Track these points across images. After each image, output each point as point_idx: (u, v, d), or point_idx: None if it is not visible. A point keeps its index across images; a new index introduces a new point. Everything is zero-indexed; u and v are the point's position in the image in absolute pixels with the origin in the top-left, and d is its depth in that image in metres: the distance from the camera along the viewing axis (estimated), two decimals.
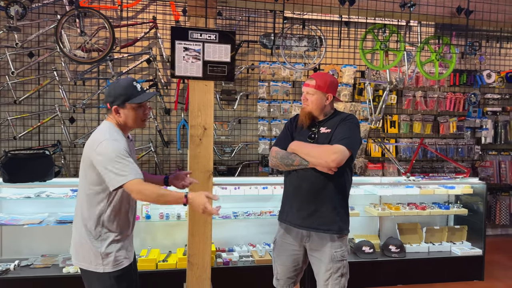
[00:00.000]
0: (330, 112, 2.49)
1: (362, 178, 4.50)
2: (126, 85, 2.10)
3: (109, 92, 2.11)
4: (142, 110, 2.13)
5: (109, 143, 1.99)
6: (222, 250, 3.76)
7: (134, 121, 2.12)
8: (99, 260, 2.05)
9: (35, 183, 3.39)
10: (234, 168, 4.55)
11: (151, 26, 4.30)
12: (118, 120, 2.12)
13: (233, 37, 3.16)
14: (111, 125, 2.13)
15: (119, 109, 2.08)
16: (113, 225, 2.08)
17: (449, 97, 5.06)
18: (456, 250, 4.04)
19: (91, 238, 2.07)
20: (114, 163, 1.96)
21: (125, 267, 2.11)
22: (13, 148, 4.09)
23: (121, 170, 1.95)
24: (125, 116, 2.10)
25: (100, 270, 2.05)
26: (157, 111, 4.48)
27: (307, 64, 4.47)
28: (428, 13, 3.54)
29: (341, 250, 2.35)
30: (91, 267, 2.07)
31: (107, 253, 2.05)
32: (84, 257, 2.07)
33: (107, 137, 2.02)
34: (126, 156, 1.98)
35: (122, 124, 2.13)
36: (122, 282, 2.09)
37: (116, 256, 2.07)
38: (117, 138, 2.05)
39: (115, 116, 2.11)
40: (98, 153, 1.98)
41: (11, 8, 3.34)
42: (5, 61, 4.08)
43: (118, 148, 1.98)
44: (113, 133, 2.08)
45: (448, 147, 5.11)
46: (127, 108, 2.08)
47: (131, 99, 2.08)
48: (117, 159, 1.96)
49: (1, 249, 3.53)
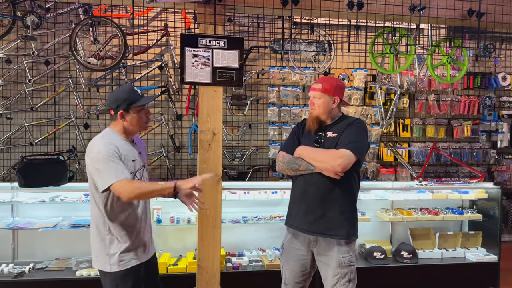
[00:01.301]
0: (338, 116, 2.49)
1: (373, 183, 4.47)
2: (128, 90, 2.22)
3: (113, 99, 2.22)
4: (144, 113, 2.24)
5: (100, 145, 2.10)
6: (232, 254, 3.78)
7: (139, 124, 2.22)
8: (106, 260, 2.17)
9: (49, 188, 3.47)
10: (245, 172, 4.57)
11: (163, 33, 4.38)
12: (124, 125, 2.21)
13: (241, 43, 3.20)
14: (111, 131, 2.24)
15: (124, 114, 2.18)
16: (117, 226, 2.17)
17: (463, 100, 4.98)
18: (471, 256, 3.96)
19: (99, 239, 2.19)
20: (101, 165, 2.06)
21: (132, 267, 2.18)
22: (30, 153, 4.20)
23: (106, 173, 2.05)
24: (130, 120, 2.19)
25: (108, 269, 2.16)
26: (169, 117, 4.54)
27: (316, 69, 4.47)
28: (438, 16, 3.51)
29: (348, 256, 2.34)
30: (102, 267, 2.19)
31: (112, 254, 2.16)
32: (97, 257, 2.21)
33: (96, 142, 2.13)
34: (115, 158, 2.07)
35: (127, 129, 2.22)
36: (127, 281, 2.17)
37: (121, 256, 2.16)
38: (111, 141, 2.14)
39: (120, 121, 2.20)
40: (90, 156, 2.11)
41: (27, 18, 3.44)
42: (22, 69, 4.21)
43: (107, 150, 2.08)
44: (109, 137, 2.18)
45: (462, 151, 5.02)
46: (131, 112, 2.19)
47: (135, 102, 2.18)
48: (104, 161, 2.06)
49: (17, 252, 3.63)
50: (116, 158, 2.08)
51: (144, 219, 2.30)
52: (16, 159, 4.21)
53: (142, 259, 2.24)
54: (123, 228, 2.18)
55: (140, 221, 2.26)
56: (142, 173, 2.32)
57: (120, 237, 2.17)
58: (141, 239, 2.26)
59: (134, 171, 2.22)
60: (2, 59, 4.20)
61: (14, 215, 3.64)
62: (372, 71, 4.81)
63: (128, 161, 2.17)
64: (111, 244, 2.16)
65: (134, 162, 2.23)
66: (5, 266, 3.35)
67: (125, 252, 2.17)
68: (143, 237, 2.27)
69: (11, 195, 3.61)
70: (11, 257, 3.59)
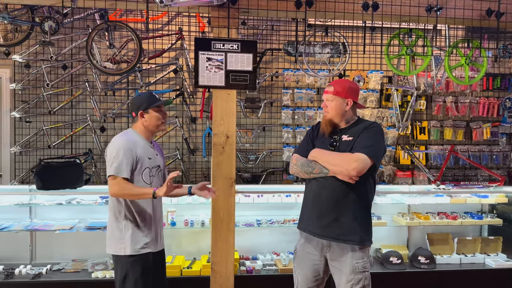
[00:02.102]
0: (353, 119, 2.46)
1: (390, 187, 4.40)
2: (147, 95, 2.58)
3: (134, 102, 2.56)
4: (162, 114, 2.54)
5: (118, 139, 2.43)
6: (245, 258, 3.77)
7: (156, 123, 2.52)
8: (120, 243, 2.40)
9: (66, 190, 3.53)
10: (259, 175, 4.56)
11: (178, 37, 4.41)
12: (143, 123, 2.51)
13: (255, 46, 3.19)
14: (132, 130, 2.55)
15: (144, 113, 2.50)
16: (134, 213, 2.40)
17: (482, 102, 4.86)
18: (490, 262, 3.85)
19: (115, 225, 2.42)
20: (112, 155, 2.36)
21: (143, 254, 2.40)
22: (48, 156, 4.28)
23: (112, 164, 2.34)
24: (149, 119, 2.50)
25: (121, 252, 2.39)
26: (184, 120, 4.57)
27: (331, 71, 4.44)
28: (456, 17, 3.44)
29: (362, 261, 2.30)
30: (115, 251, 2.40)
31: (127, 238, 2.38)
32: (110, 243, 2.44)
33: (118, 137, 2.46)
34: (126, 153, 2.34)
35: (146, 128, 2.52)
36: (137, 267, 2.38)
37: (134, 241, 2.38)
38: (130, 138, 2.44)
39: (140, 120, 2.50)
40: (108, 146, 2.45)
41: (45, 23, 3.51)
42: (41, 74, 4.29)
43: (122, 144, 2.37)
44: (129, 134, 2.49)
45: (481, 154, 4.90)
46: (150, 112, 2.50)
47: (153, 104, 2.50)
48: (115, 151, 2.36)
49: (34, 253, 3.69)
50: (127, 153, 2.36)
51: (158, 211, 2.54)
52: (34, 162, 4.29)
53: (152, 249, 2.46)
54: (138, 215, 2.41)
55: (155, 211, 2.49)
56: (157, 172, 2.55)
57: (135, 224, 2.40)
58: (154, 230, 2.49)
59: (150, 167, 2.48)
60: (21, 64, 4.29)
61: (32, 217, 3.71)
62: (388, 72, 4.74)
63: (144, 157, 2.45)
64: (126, 230, 2.39)
65: (150, 159, 2.48)
66: (23, 267, 3.41)
67: (138, 238, 2.40)
68: (155, 228, 2.50)
69: (29, 197, 3.68)
70: (29, 258, 3.65)
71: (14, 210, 3.62)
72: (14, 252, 3.64)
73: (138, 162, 2.41)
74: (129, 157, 2.36)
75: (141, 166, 2.43)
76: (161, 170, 2.61)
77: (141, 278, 2.38)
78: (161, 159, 2.64)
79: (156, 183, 2.52)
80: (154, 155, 2.54)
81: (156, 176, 2.54)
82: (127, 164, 2.34)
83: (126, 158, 2.34)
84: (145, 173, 2.44)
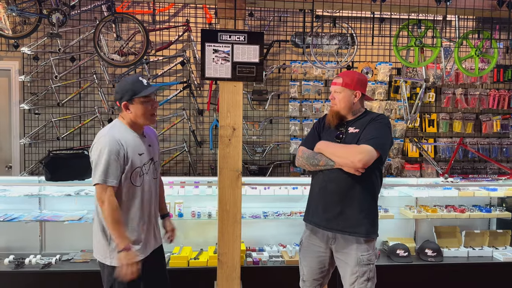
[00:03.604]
0: (360, 111, 2.44)
1: (397, 179, 4.37)
2: (132, 80, 2.17)
3: (118, 89, 2.18)
4: (150, 104, 2.18)
5: (104, 139, 2.09)
6: (252, 249, 3.78)
7: (144, 116, 2.17)
8: (106, 253, 2.16)
9: (74, 182, 3.57)
10: (265, 168, 4.56)
11: (185, 29, 4.40)
12: (129, 116, 2.18)
13: (262, 38, 3.17)
14: (120, 123, 2.21)
15: (128, 105, 2.15)
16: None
17: (492, 94, 4.79)
18: (499, 255, 3.83)
19: (101, 231, 2.17)
20: (98, 159, 2.06)
21: None
22: (57, 148, 4.32)
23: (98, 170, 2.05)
24: (134, 111, 2.15)
25: (108, 262, 2.15)
26: (191, 112, 4.57)
27: (339, 63, 4.40)
28: (466, 7, 3.38)
29: (367, 254, 2.29)
30: (101, 259, 2.19)
31: (113, 248, 2.13)
32: (97, 249, 2.22)
33: (104, 133, 2.12)
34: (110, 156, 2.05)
35: (133, 121, 2.19)
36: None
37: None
38: (117, 137, 2.11)
39: (125, 112, 2.17)
40: (93, 146, 2.12)
41: (52, 15, 3.54)
42: (49, 66, 4.32)
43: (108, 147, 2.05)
44: (117, 130, 2.16)
45: (491, 146, 4.85)
46: (135, 103, 2.14)
47: (138, 93, 2.13)
48: (99, 155, 2.06)
49: (44, 243, 3.75)
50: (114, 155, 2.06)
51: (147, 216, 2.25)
52: (44, 154, 4.34)
53: (143, 255, 2.22)
54: (128, 222, 2.17)
55: (142, 218, 2.23)
56: (149, 167, 2.27)
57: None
58: (143, 236, 2.23)
59: (141, 165, 2.20)
60: (29, 56, 4.32)
61: (42, 208, 3.76)
62: (396, 64, 4.70)
63: (134, 154, 2.16)
64: (112, 238, 2.12)
65: (141, 156, 2.20)
66: (33, 257, 3.47)
67: None
68: (145, 235, 2.24)
69: (39, 188, 3.73)
70: (38, 248, 3.71)
71: (24, 201, 3.68)
72: (24, 242, 3.70)
73: (128, 164, 2.12)
74: (117, 162, 2.06)
75: (131, 168, 2.14)
76: (155, 162, 2.33)
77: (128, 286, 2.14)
78: (154, 149, 2.34)
79: (147, 180, 2.25)
80: (145, 148, 2.24)
81: (148, 173, 2.25)
82: (115, 169, 2.06)
83: (113, 162, 2.05)
84: (134, 174, 2.16)
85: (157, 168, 2.37)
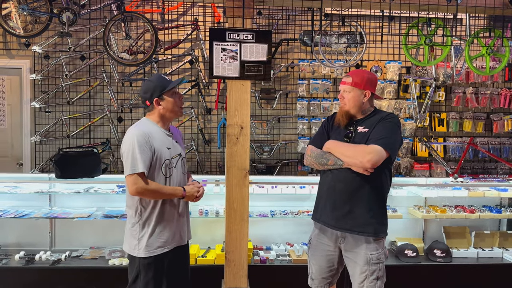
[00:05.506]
0: (370, 111, 2.42)
1: (406, 179, 4.34)
2: (157, 78, 2.35)
3: (145, 89, 2.33)
4: (177, 97, 2.36)
5: (132, 132, 2.22)
6: (259, 248, 3.79)
7: (174, 109, 2.33)
8: (135, 244, 2.27)
9: (84, 179, 3.60)
10: (273, 166, 4.56)
11: (193, 28, 4.41)
12: (160, 111, 2.32)
13: (270, 36, 3.17)
14: (147, 120, 2.35)
15: (159, 100, 2.30)
16: (149, 213, 2.26)
17: (504, 93, 4.73)
18: (509, 256, 3.78)
19: (130, 223, 2.30)
20: (126, 152, 2.19)
21: (158, 256, 2.26)
22: (67, 145, 4.37)
23: (128, 162, 2.18)
24: (165, 105, 2.31)
25: (135, 254, 2.26)
26: (199, 111, 4.59)
27: (348, 61, 4.38)
28: (477, 5, 3.34)
29: (377, 253, 2.28)
30: (129, 250, 2.29)
31: (141, 239, 2.25)
32: (126, 240, 2.33)
33: (132, 128, 2.26)
34: (141, 147, 2.16)
35: (163, 115, 2.33)
36: (149, 269, 2.25)
37: (148, 243, 2.24)
38: (144, 130, 2.24)
39: (156, 109, 2.31)
40: (123, 141, 2.26)
41: (63, 14, 3.57)
42: (59, 65, 4.37)
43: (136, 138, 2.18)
44: (143, 125, 2.29)
45: (502, 146, 4.78)
46: (165, 97, 2.31)
47: (166, 87, 2.30)
48: (130, 148, 2.18)
49: (54, 240, 3.79)
50: (143, 147, 2.18)
51: (178, 210, 2.35)
52: (54, 151, 4.39)
53: (171, 247, 2.31)
54: (157, 214, 2.27)
55: (174, 211, 2.33)
56: (178, 161, 2.38)
57: (150, 224, 2.26)
58: (172, 230, 2.32)
59: (170, 158, 2.31)
60: (40, 54, 4.37)
61: (52, 204, 3.80)
62: (406, 63, 4.66)
63: (162, 147, 2.27)
64: (141, 230, 2.25)
65: (169, 150, 2.31)
66: (43, 253, 3.51)
67: (154, 240, 2.25)
68: (175, 228, 2.33)
69: (49, 185, 3.77)
70: (48, 244, 3.75)
71: (35, 198, 3.72)
72: (34, 238, 3.74)
73: (156, 156, 2.23)
74: (145, 152, 2.17)
75: (160, 160, 2.25)
76: (183, 158, 2.44)
77: (152, 280, 2.25)
78: (181, 146, 2.47)
79: (177, 174, 2.36)
80: (173, 143, 2.36)
81: (177, 167, 2.36)
82: (144, 159, 2.16)
83: (141, 154, 2.16)
84: (164, 166, 2.27)
85: (185, 164, 2.48)
